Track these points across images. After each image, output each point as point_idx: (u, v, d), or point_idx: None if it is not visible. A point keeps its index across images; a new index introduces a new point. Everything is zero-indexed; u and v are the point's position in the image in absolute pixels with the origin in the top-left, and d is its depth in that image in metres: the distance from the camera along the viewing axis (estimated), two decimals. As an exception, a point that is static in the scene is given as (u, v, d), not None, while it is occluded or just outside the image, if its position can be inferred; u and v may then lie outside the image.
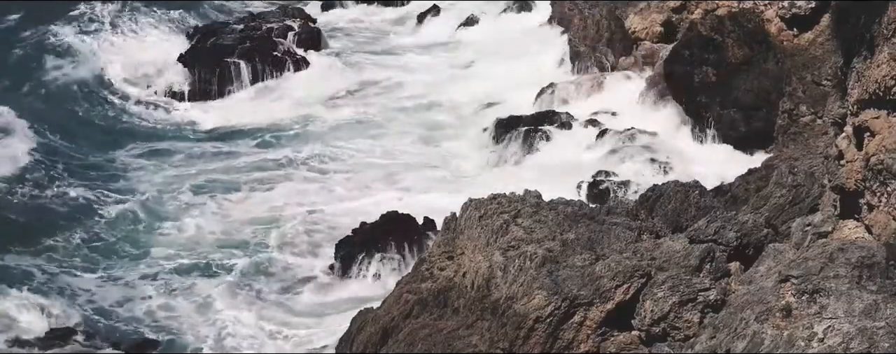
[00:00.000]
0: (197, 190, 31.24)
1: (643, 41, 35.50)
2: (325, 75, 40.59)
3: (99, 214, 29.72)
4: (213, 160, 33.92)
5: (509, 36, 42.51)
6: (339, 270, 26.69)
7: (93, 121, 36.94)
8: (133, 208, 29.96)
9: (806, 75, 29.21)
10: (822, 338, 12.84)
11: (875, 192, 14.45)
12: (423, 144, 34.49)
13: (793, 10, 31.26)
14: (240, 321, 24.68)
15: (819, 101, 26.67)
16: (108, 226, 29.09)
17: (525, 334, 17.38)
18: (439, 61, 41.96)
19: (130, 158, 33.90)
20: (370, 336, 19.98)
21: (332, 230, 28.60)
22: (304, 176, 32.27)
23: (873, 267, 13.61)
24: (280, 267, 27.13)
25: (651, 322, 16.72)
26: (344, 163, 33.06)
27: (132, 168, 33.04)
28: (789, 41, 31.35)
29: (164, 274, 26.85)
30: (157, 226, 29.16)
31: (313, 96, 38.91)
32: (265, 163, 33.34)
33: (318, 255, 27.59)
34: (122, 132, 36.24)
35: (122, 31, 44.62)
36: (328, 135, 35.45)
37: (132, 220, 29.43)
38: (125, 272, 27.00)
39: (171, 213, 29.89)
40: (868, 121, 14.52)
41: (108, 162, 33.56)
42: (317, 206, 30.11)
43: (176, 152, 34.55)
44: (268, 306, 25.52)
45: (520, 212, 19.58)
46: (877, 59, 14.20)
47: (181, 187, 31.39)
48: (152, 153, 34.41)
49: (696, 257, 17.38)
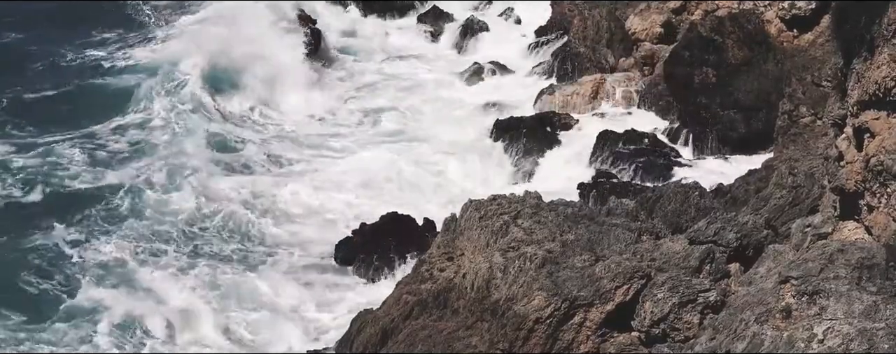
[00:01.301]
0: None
1: (643, 42, 35.51)
2: (326, 76, 40.58)
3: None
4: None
5: (509, 38, 42.74)
6: (338, 270, 26.77)
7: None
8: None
9: (806, 76, 29.20)
10: (822, 339, 12.83)
11: (875, 193, 14.45)
12: (423, 144, 34.46)
13: (793, 10, 31.29)
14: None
15: (819, 102, 26.66)
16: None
17: (525, 335, 17.38)
18: (440, 64, 41.96)
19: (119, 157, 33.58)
20: (370, 337, 19.99)
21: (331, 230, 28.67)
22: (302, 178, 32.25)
23: (873, 269, 13.59)
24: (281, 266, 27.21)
25: (651, 323, 16.72)
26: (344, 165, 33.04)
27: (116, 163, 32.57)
28: (789, 42, 31.38)
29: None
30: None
31: (314, 96, 38.93)
32: (266, 166, 33.32)
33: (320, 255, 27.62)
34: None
35: (121, 30, 44.70)
36: (328, 136, 35.49)
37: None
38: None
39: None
40: (868, 122, 14.52)
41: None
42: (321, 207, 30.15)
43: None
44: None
45: (520, 213, 19.59)
46: (877, 60, 14.19)
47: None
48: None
49: (696, 258, 17.38)
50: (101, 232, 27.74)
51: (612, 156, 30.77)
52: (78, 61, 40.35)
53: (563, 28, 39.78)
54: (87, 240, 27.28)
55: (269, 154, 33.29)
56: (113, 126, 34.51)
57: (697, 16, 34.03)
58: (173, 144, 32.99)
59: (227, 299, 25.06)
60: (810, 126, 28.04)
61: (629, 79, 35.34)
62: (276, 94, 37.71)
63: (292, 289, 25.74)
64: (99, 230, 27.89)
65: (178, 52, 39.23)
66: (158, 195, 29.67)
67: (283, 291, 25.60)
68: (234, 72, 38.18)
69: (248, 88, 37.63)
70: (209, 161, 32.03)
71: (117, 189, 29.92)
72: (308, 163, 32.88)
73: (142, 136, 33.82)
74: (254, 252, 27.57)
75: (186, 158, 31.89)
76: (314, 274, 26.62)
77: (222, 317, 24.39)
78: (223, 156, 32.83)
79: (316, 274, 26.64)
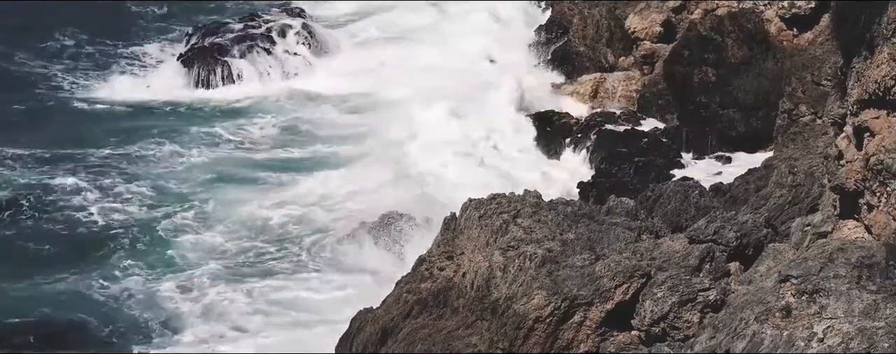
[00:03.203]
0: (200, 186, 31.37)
1: (643, 41, 35.51)
2: (326, 75, 40.59)
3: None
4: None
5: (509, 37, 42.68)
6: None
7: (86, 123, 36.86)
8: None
9: (806, 75, 29.21)
10: (822, 338, 12.83)
11: (875, 192, 14.44)
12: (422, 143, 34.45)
13: (793, 10, 31.30)
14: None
15: (819, 101, 26.66)
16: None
17: (525, 334, 17.36)
18: (440, 62, 41.90)
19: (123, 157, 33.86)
20: (369, 336, 19.97)
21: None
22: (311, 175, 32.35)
23: (873, 267, 13.59)
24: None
25: (651, 322, 16.70)
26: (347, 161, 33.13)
27: (123, 168, 32.92)
28: (789, 41, 31.40)
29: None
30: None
31: (315, 96, 38.97)
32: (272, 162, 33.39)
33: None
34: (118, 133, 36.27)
35: (121, 31, 44.78)
36: (329, 135, 35.51)
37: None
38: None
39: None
40: (868, 121, 14.51)
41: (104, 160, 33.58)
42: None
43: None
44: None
45: (519, 212, 19.57)
46: (876, 59, 14.18)
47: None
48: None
49: (696, 257, 17.36)
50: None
51: (612, 155, 30.76)
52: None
53: (563, 27, 39.76)
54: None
55: None
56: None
57: (697, 15, 34.02)
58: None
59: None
60: (810, 125, 28.04)
61: (629, 79, 35.33)
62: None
63: None
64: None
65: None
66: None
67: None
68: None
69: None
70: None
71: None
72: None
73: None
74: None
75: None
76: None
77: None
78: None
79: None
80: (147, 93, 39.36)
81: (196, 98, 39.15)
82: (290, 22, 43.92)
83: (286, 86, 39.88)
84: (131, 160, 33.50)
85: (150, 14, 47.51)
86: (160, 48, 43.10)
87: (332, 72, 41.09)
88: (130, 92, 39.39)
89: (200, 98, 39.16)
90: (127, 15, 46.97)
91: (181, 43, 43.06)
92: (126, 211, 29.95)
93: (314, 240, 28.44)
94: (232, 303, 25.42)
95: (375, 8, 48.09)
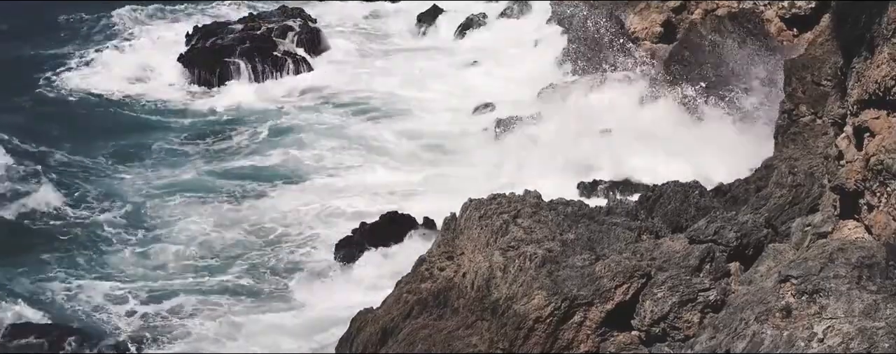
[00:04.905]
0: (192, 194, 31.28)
1: (643, 41, 35.52)
2: (326, 76, 40.63)
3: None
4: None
5: (510, 36, 42.71)
6: (339, 268, 26.77)
7: (90, 126, 36.81)
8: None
9: (806, 75, 29.18)
10: (822, 338, 12.83)
11: (875, 192, 14.44)
12: (423, 144, 34.48)
13: (793, 10, 31.29)
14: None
15: (819, 101, 26.62)
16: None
17: (525, 334, 17.36)
18: (440, 63, 41.97)
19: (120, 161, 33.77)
20: (370, 337, 19.96)
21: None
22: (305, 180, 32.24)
23: (873, 268, 13.59)
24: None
25: (651, 322, 16.70)
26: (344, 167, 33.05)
27: (120, 172, 32.85)
28: (789, 41, 31.38)
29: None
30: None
31: (315, 96, 38.98)
32: (262, 166, 33.31)
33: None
34: (119, 133, 36.23)
35: (121, 31, 44.83)
36: (327, 136, 35.50)
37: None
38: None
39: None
40: (868, 121, 14.50)
41: (96, 164, 33.50)
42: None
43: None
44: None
45: (520, 213, 19.57)
46: (876, 59, 14.18)
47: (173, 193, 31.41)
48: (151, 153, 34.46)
49: (696, 257, 17.36)
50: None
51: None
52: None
53: (563, 27, 39.78)
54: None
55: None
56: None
57: (697, 15, 34.03)
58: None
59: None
60: (810, 125, 27.99)
61: (628, 79, 35.30)
62: None
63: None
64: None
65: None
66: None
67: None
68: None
69: None
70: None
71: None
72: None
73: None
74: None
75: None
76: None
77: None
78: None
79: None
80: (146, 92, 39.39)
81: (196, 98, 39.19)
82: (290, 23, 43.99)
83: (286, 86, 39.88)
84: (120, 158, 33.60)
85: (150, 14, 47.52)
86: (160, 48, 43.08)
87: (332, 72, 41.10)
88: (129, 91, 39.42)
89: (200, 98, 39.20)
90: (127, 14, 46.97)
91: (181, 43, 43.13)
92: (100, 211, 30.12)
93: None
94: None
95: (377, 9, 48.12)
